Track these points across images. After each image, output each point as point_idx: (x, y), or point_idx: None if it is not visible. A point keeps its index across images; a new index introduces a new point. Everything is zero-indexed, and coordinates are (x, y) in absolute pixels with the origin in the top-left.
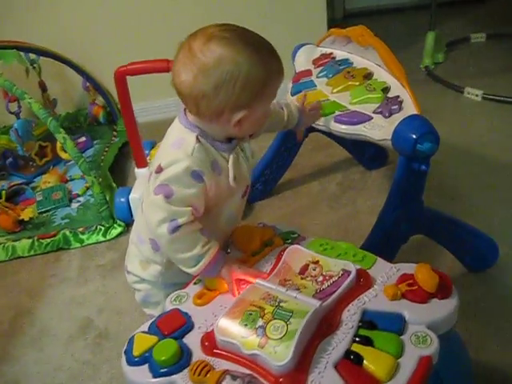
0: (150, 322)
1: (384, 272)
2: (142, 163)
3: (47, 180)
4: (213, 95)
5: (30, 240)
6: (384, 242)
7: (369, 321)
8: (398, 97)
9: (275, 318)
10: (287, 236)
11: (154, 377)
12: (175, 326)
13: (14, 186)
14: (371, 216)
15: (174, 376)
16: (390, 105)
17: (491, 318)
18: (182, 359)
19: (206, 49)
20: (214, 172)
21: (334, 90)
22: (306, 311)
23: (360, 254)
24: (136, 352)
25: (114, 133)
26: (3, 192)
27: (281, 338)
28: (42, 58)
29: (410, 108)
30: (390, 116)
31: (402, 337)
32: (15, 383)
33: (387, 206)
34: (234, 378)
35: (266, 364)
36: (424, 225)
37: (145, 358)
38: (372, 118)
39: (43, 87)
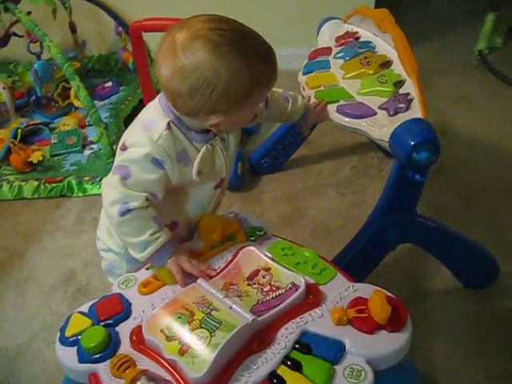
0: (91, 303)
1: (339, 291)
2: None
3: (66, 122)
4: (188, 97)
5: (37, 182)
6: (368, 246)
7: (305, 343)
8: (409, 94)
9: (202, 327)
10: (252, 232)
11: (79, 361)
12: (112, 312)
13: (32, 124)
14: None
15: (97, 365)
16: (397, 102)
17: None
18: (107, 349)
19: (188, 48)
20: (178, 163)
21: (346, 76)
22: (235, 325)
23: (320, 267)
24: (68, 333)
25: None
26: (19, 131)
27: (201, 350)
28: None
29: (417, 109)
30: (394, 114)
31: (335, 366)
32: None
33: (377, 209)
34: (149, 380)
35: (184, 373)
36: (415, 234)
37: (75, 341)
38: (375, 114)
39: (73, 28)
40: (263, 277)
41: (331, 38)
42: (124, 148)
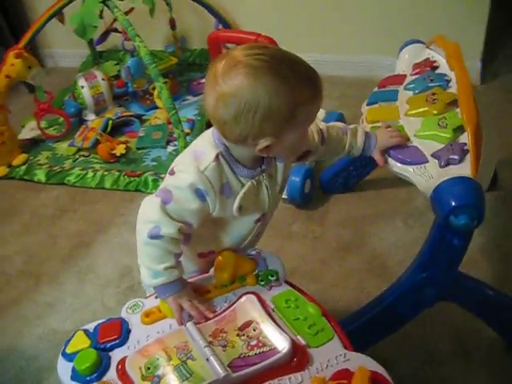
0: (97, 323)
1: (328, 357)
2: None
3: (158, 116)
4: (233, 124)
5: (118, 174)
6: (401, 302)
7: None
8: (466, 144)
9: (174, 374)
10: (264, 277)
11: (71, 379)
12: (110, 336)
13: (124, 116)
14: None
15: None
16: (451, 151)
17: None
18: (95, 372)
19: (227, 75)
20: (221, 195)
21: (409, 112)
22: (204, 379)
23: (317, 327)
24: (69, 349)
25: None
26: (110, 122)
27: None
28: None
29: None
30: (445, 166)
31: None
32: (48, 305)
33: (414, 264)
34: None
35: None
36: (455, 296)
37: (72, 358)
38: (426, 162)
39: (173, 25)
40: (254, 329)
41: (409, 64)
42: (172, 173)
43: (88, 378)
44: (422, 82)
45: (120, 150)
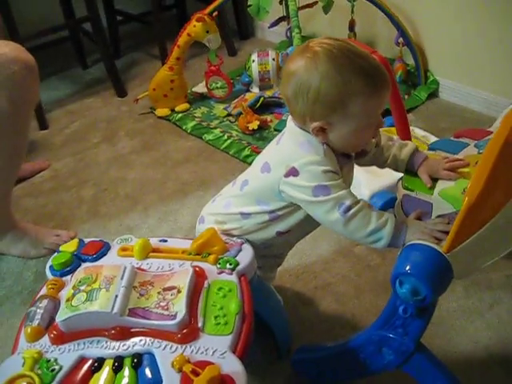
0: (93, 239)
1: (210, 347)
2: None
3: None
4: (294, 101)
5: (245, 146)
6: (362, 351)
7: (139, 362)
8: None
9: (87, 293)
10: (223, 262)
11: (49, 269)
12: (89, 252)
13: (277, 97)
14: None
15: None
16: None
17: None
18: (60, 271)
19: (295, 57)
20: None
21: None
22: (100, 306)
23: (223, 320)
24: (62, 248)
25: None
26: (262, 99)
27: (71, 307)
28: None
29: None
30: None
31: None
32: (127, 227)
33: (377, 320)
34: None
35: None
36: (412, 371)
37: None
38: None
39: (351, 26)
40: (172, 295)
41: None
42: (295, 173)
43: (55, 272)
44: None
45: (253, 125)
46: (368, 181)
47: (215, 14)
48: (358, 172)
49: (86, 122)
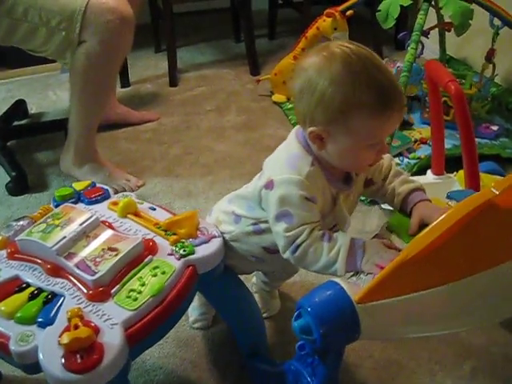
0: (100, 185)
1: (111, 314)
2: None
3: (421, 131)
4: (298, 97)
5: None
6: (285, 379)
7: (48, 300)
8: None
9: (44, 224)
10: (180, 245)
11: (52, 200)
12: (88, 195)
13: None
14: None
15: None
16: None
17: None
18: (61, 202)
19: (312, 54)
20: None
21: None
22: (44, 239)
23: (136, 296)
24: (76, 186)
25: None
26: None
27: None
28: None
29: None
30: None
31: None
32: (188, 194)
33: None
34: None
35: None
36: None
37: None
38: None
39: (489, 56)
40: (109, 255)
41: None
42: (271, 186)
43: (54, 202)
44: None
45: None
46: None
47: (349, 12)
48: None
49: (210, 89)
